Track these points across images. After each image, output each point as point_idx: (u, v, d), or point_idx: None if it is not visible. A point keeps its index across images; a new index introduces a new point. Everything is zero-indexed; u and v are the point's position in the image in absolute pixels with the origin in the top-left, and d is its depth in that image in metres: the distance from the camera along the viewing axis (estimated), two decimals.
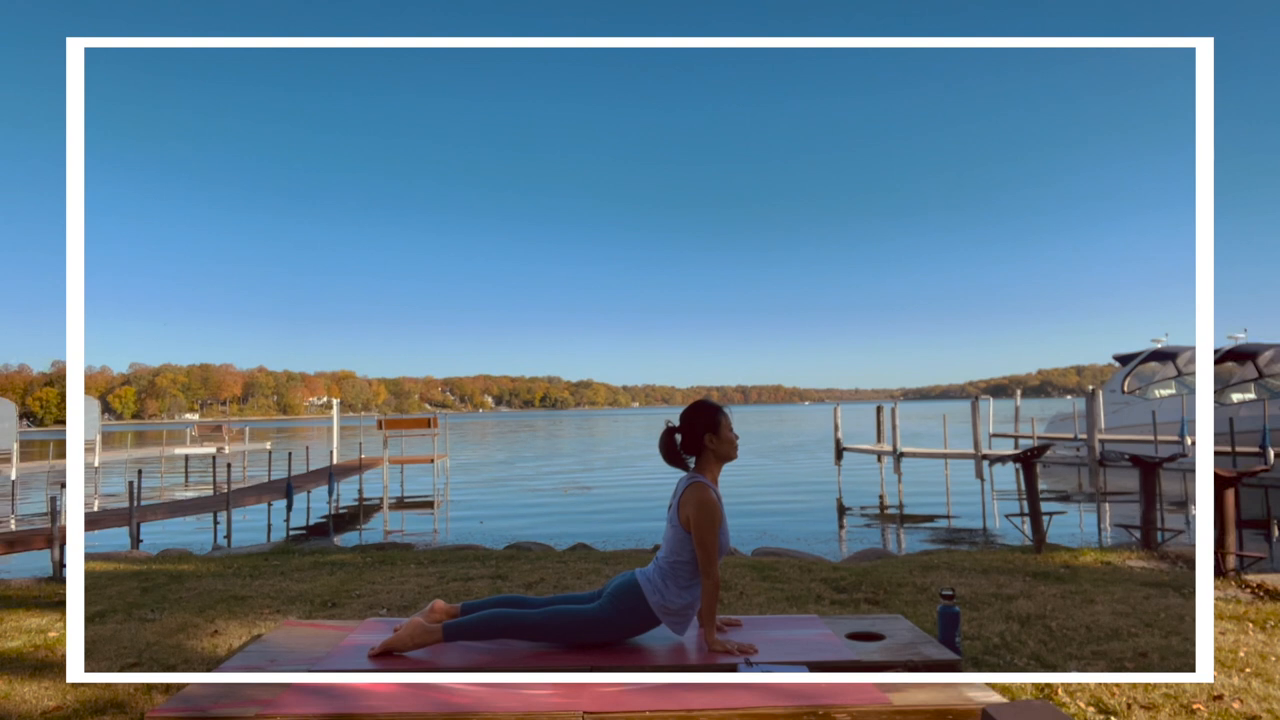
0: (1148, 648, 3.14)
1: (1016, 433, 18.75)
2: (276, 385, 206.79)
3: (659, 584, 2.48)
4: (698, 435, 2.55)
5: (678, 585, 2.47)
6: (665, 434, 2.59)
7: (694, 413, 2.58)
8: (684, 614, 2.48)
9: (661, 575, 2.49)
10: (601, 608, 2.48)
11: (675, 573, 2.48)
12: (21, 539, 8.01)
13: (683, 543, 2.48)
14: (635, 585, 2.49)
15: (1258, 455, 12.40)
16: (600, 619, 2.46)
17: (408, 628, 2.44)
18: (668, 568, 2.49)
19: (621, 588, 2.51)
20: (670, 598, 2.46)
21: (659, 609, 2.45)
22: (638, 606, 2.46)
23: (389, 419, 20.60)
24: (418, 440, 23.91)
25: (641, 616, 2.46)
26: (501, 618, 2.46)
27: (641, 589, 2.48)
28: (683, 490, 2.52)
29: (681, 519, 2.47)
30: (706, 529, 2.46)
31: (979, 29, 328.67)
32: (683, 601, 2.48)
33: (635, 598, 2.47)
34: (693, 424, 2.56)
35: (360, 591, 4.51)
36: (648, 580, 2.50)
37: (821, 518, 11.94)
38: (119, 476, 21.54)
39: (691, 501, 2.47)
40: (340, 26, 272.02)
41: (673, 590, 2.47)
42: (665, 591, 2.46)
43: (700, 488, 2.49)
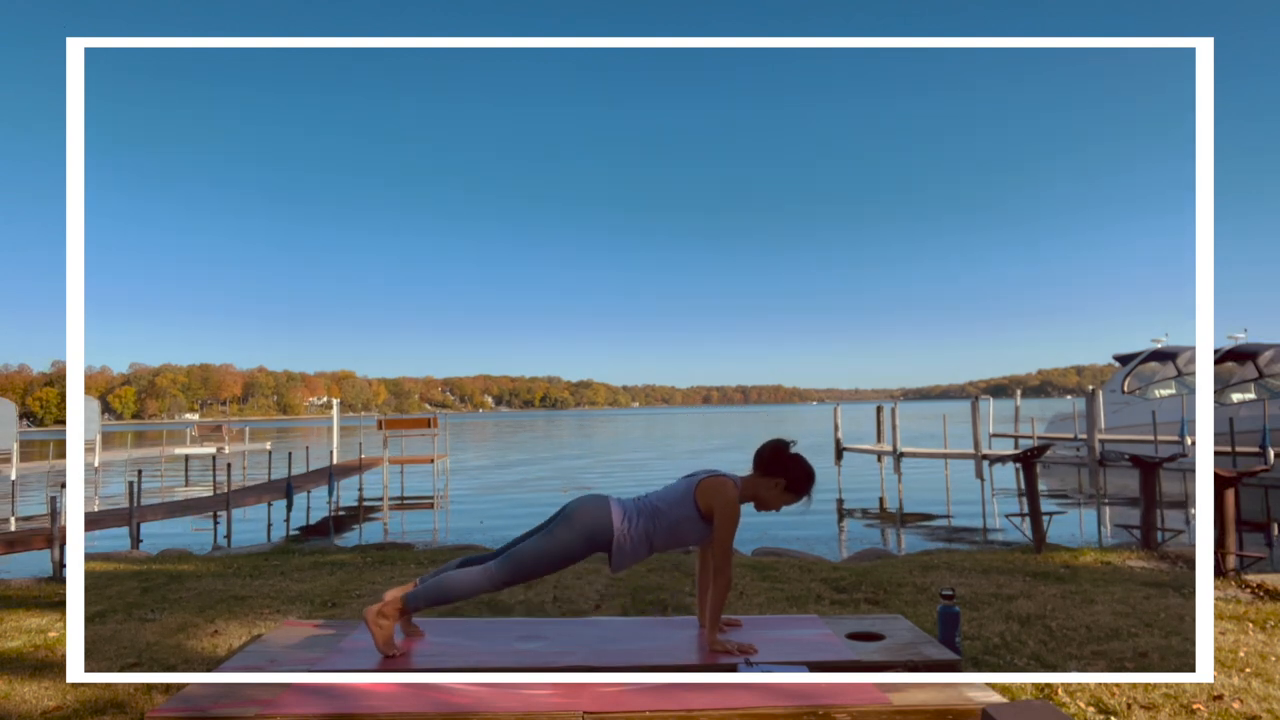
0: (1148, 648, 3.14)
1: (1016, 433, 18.73)
2: (276, 385, 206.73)
3: (634, 518, 2.45)
4: (778, 470, 2.52)
5: (647, 538, 2.45)
6: (778, 445, 2.55)
7: (793, 462, 2.53)
8: (625, 554, 2.45)
9: (642, 516, 2.46)
10: (560, 530, 2.43)
11: (657, 528, 2.45)
12: (21, 539, 8.00)
13: (689, 521, 2.45)
14: (606, 508, 2.46)
15: (1258, 455, 12.38)
16: (557, 542, 2.41)
17: (370, 622, 2.43)
18: (653, 518, 2.46)
19: (589, 508, 2.47)
20: (634, 536, 2.44)
21: (619, 536, 2.42)
22: (598, 529, 2.42)
23: (389, 419, 20.57)
24: (418, 440, 23.87)
25: (595, 541, 2.42)
26: (458, 575, 2.45)
27: (611, 513, 2.44)
28: (708, 477, 2.49)
29: (702, 505, 2.45)
30: (730, 530, 2.44)
31: (979, 29, 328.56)
32: (635, 550, 2.45)
33: (602, 518, 2.43)
34: (782, 466, 2.52)
35: (360, 591, 4.51)
36: (622, 509, 2.47)
37: (821, 518, 11.93)
38: (119, 476, 21.54)
39: (720, 495, 2.44)
40: (340, 26, 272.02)
41: (639, 536, 2.44)
42: (633, 530, 2.44)
43: (730, 486, 2.47)
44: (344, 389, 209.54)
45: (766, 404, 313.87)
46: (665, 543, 2.49)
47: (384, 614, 2.44)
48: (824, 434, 31.80)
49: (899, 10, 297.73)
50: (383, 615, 2.43)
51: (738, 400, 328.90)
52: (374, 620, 2.42)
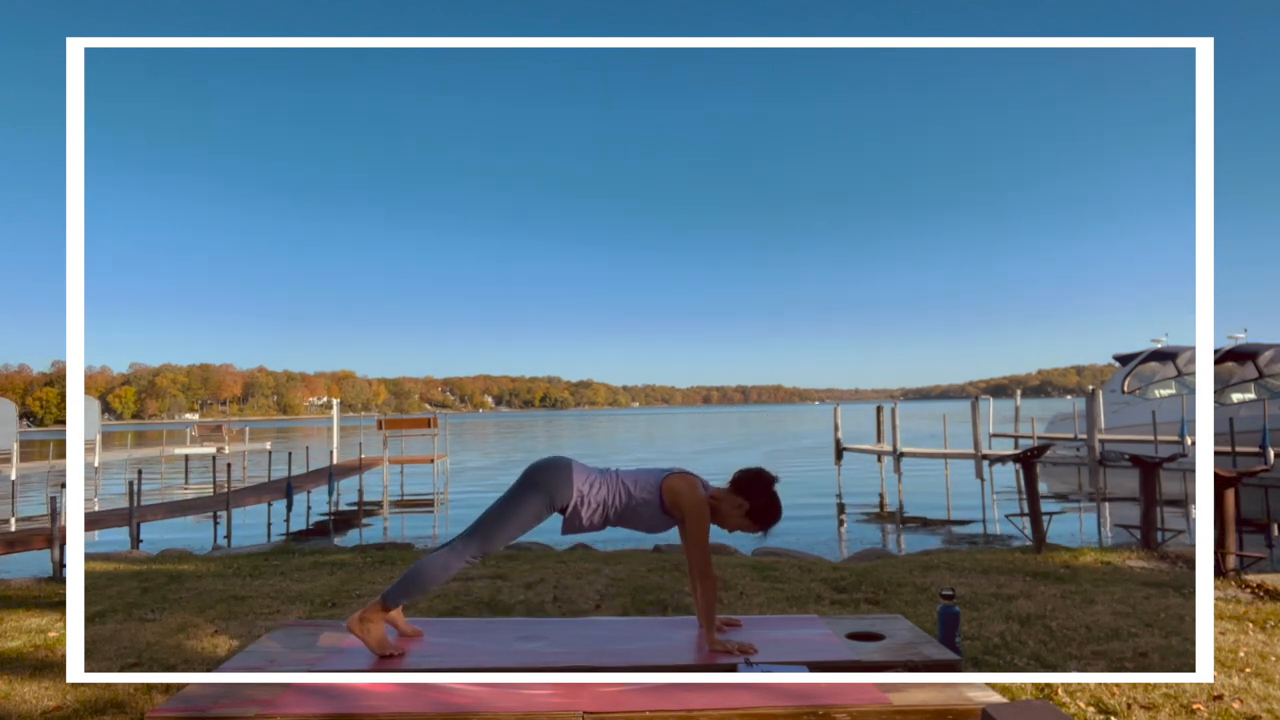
0: (1148, 648, 3.14)
1: (1016, 433, 18.73)
2: (276, 385, 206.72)
3: (595, 484, 2.46)
4: (751, 493, 2.52)
5: (604, 508, 2.46)
6: (762, 471, 2.56)
7: (767, 493, 2.52)
8: (580, 519, 2.46)
9: (606, 486, 2.47)
10: (521, 490, 2.44)
11: (616, 502, 2.46)
12: (21, 539, 8.00)
13: (649, 508, 2.46)
14: (569, 469, 2.46)
15: (1258, 455, 12.38)
16: (518, 502, 2.42)
17: (355, 630, 2.43)
18: (616, 492, 2.46)
19: (551, 467, 2.47)
20: (592, 502, 2.44)
21: (578, 498, 2.43)
22: (559, 489, 2.42)
23: (389, 419, 20.59)
24: (418, 440, 23.89)
25: (554, 501, 2.42)
26: (428, 559, 2.45)
27: (574, 475, 2.45)
28: (679, 475, 2.50)
29: (668, 499, 2.46)
30: (701, 530, 2.45)
31: (979, 29, 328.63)
32: (590, 516, 2.46)
33: (564, 478, 2.44)
34: (756, 492, 2.52)
35: (360, 591, 4.51)
36: (585, 473, 2.47)
37: (821, 518, 11.93)
38: (119, 476, 21.53)
39: (688, 496, 2.45)
40: (341, 26, 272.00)
41: (597, 504, 2.45)
42: (593, 495, 2.44)
43: (698, 486, 2.48)
44: (344, 389, 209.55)
45: (766, 404, 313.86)
46: (620, 518, 2.49)
47: (366, 618, 2.43)
48: (824, 434, 31.78)
49: (899, 10, 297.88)
50: (365, 620, 2.43)
51: (738, 400, 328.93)
52: (359, 628, 2.42)
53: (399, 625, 2.61)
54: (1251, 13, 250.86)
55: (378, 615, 2.44)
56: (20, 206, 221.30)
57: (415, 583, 2.44)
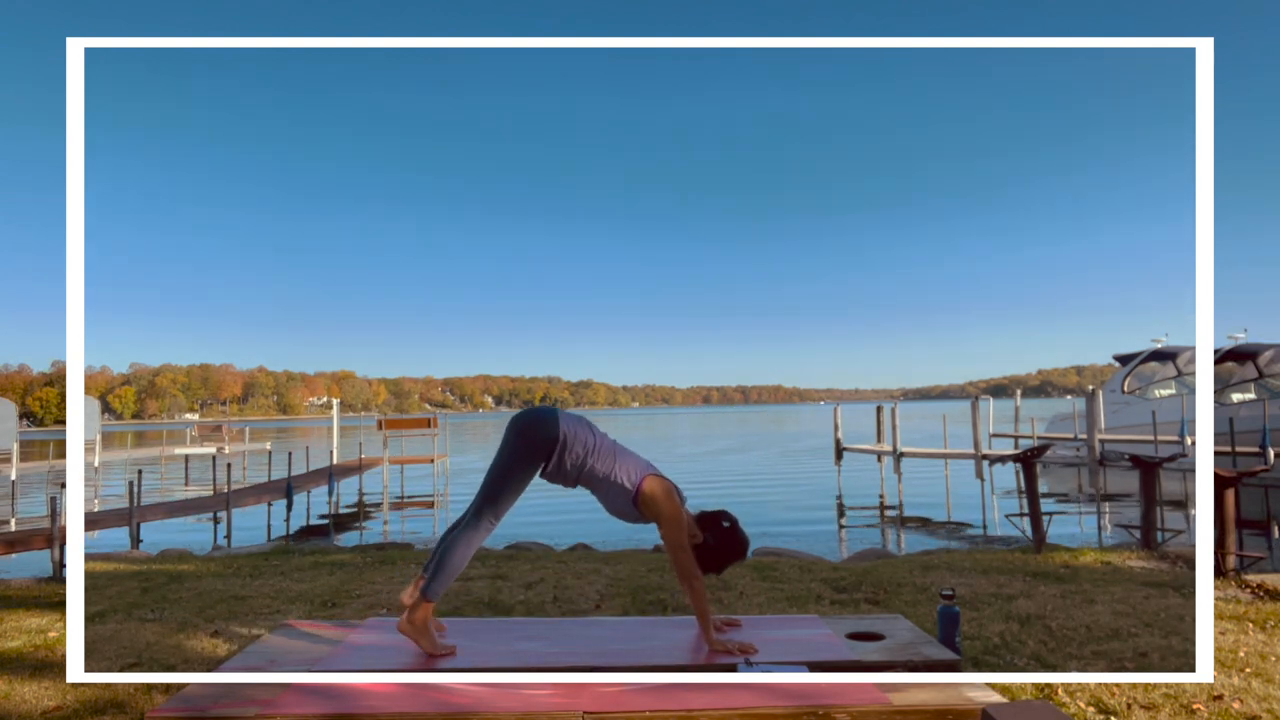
0: (1148, 648, 3.14)
1: (1016, 433, 18.74)
2: (276, 385, 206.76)
3: (581, 434, 2.48)
4: (713, 531, 2.57)
5: (580, 464, 2.48)
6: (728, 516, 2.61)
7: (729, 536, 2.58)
8: (562, 464, 2.48)
9: (593, 442, 2.49)
10: (509, 441, 2.47)
11: (596, 467, 2.48)
12: (21, 539, 8.01)
13: (621, 494, 2.49)
14: (555, 415, 2.49)
15: (1258, 455, 12.39)
16: (508, 452, 2.46)
17: (411, 635, 2.43)
18: (599, 455, 2.49)
19: (535, 414, 2.51)
20: (576, 452, 2.46)
21: (563, 438, 2.45)
22: (543, 433, 2.45)
23: (389, 419, 20.61)
24: (418, 440, 23.89)
25: (539, 445, 2.45)
26: (450, 543, 2.47)
27: (560, 421, 2.47)
28: (657, 480, 2.52)
29: (643, 503, 2.48)
30: (678, 535, 2.47)
31: (979, 29, 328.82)
32: (570, 464, 2.48)
33: (549, 422, 2.46)
34: (716, 531, 2.57)
35: (360, 591, 4.51)
36: (572, 423, 2.49)
37: (821, 518, 11.93)
38: (119, 476, 21.53)
39: (665, 505, 2.47)
40: (340, 26, 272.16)
41: (579, 454, 2.47)
42: (575, 445, 2.46)
43: (674, 494, 2.51)
44: (344, 389, 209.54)
45: (766, 404, 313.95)
46: (594, 480, 2.51)
47: (413, 619, 2.43)
48: (824, 434, 31.78)
49: (899, 10, 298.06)
50: (412, 620, 2.43)
51: (738, 400, 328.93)
52: (412, 632, 2.42)
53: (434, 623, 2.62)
54: (1251, 13, 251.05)
55: (425, 614, 2.44)
56: (20, 207, 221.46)
57: (447, 568, 2.45)
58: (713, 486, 16.79)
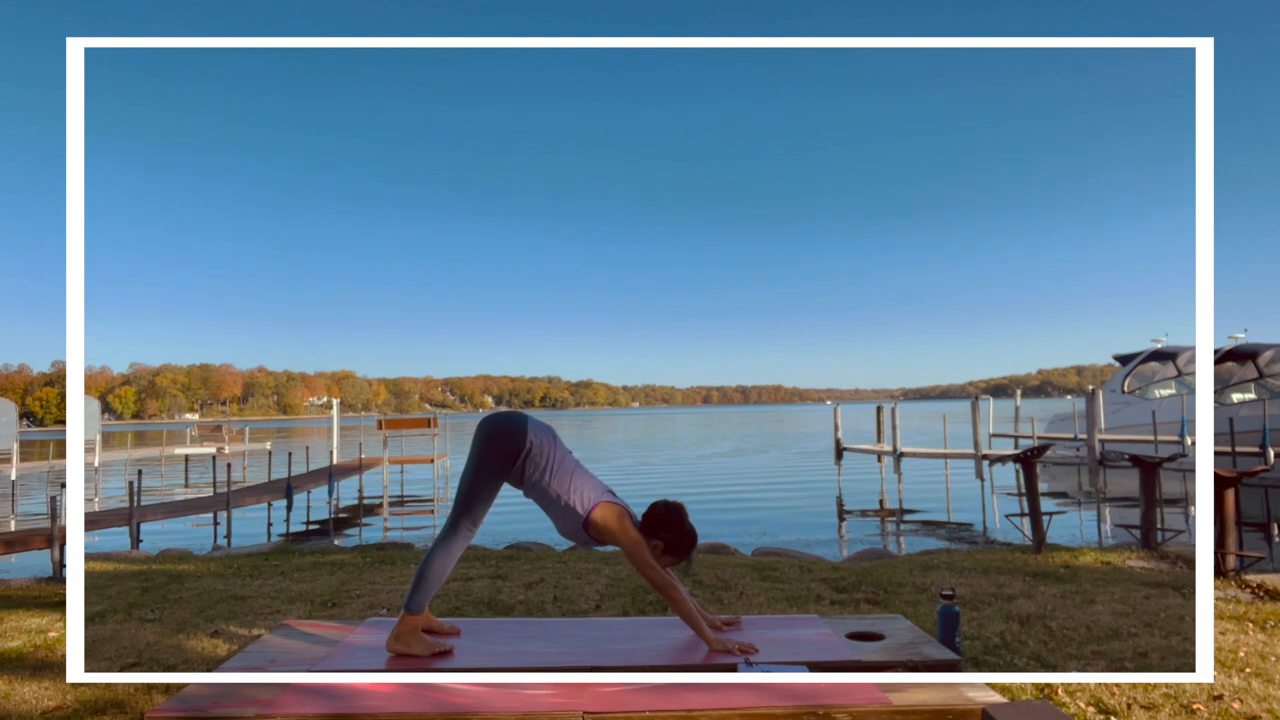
0: (1148, 648, 3.14)
1: (1016, 433, 18.74)
2: (276, 385, 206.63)
3: (545, 444, 2.47)
4: (660, 531, 2.52)
5: (539, 477, 2.47)
6: (669, 506, 2.57)
7: (677, 525, 2.53)
8: (520, 473, 2.48)
9: (556, 456, 2.48)
10: (477, 448, 2.48)
11: (552, 482, 2.47)
12: (21, 539, 8.00)
13: (572, 516, 2.47)
14: (524, 421, 2.49)
15: (1258, 455, 12.39)
16: (477, 459, 2.46)
17: (400, 651, 2.43)
18: (558, 474, 2.48)
19: (502, 419, 2.51)
20: (536, 462, 2.46)
21: (528, 445, 2.44)
22: (510, 438, 2.45)
23: (389, 419, 20.61)
24: (418, 440, 23.92)
25: (507, 449, 2.45)
26: (429, 555, 2.47)
27: (529, 427, 2.47)
28: (608, 508, 2.48)
29: (594, 530, 2.46)
30: (639, 557, 2.44)
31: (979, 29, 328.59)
32: (533, 473, 2.47)
33: (517, 427, 2.46)
34: (664, 528, 2.52)
35: (360, 591, 4.51)
36: (540, 431, 2.48)
37: (821, 518, 11.93)
38: (119, 476, 21.54)
39: (620, 535, 2.44)
40: (340, 27, 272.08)
41: (539, 467, 2.46)
42: (537, 454, 2.45)
43: (625, 519, 2.48)
44: (344, 389, 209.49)
45: (766, 404, 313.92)
46: (543, 500, 2.51)
47: (400, 635, 2.44)
48: (824, 434, 31.77)
49: (899, 10, 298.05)
50: (400, 637, 2.43)
51: (738, 400, 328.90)
52: (399, 646, 2.43)
53: (435, 627, 2.62)
54: (1251, 13, 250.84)
55: (411, 627, 2.44)
56: (20, 206, 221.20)
57: (428, 579, 2.45)
58: (713, 486, 16.79)
